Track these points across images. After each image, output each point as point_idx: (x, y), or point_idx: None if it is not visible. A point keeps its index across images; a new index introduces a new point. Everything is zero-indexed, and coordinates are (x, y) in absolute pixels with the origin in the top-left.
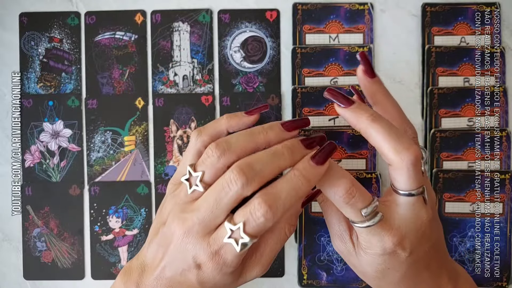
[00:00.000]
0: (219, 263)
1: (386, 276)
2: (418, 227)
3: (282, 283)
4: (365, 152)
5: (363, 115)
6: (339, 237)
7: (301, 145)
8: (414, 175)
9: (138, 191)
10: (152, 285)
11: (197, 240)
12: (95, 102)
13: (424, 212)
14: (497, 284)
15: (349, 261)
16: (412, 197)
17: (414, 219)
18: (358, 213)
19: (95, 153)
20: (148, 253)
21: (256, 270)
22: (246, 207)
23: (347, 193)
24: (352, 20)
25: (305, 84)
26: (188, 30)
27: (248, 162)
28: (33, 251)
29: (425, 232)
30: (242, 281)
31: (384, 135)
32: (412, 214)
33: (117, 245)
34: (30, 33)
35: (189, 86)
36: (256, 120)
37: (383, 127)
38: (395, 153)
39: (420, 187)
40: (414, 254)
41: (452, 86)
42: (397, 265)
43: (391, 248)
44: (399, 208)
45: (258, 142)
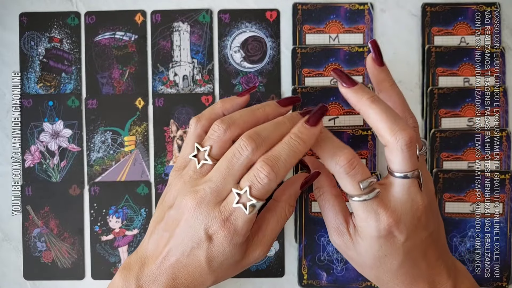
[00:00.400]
0: (230, 230)
1: (384, 264)
2: (413, 212)
3: (282, 283)
4: (365, 152)
5: (364, 96)
6: (336, 230)
7: (299, 115)
8: (409, 157)
9: (138, 191)
10: (154, 275)
11: (208, 209)
12: (95, 102)
13: (419, 197)
14: (497, 284)
15: (347, 254)
16: (407, 179)
17: (410, 203)
18: (356, 185)
19: (95, 153)
20: (149, 245)
21: (258, 251)
22: (250, 172)
23: (349, 163)
24: (352, 20)
25: (305, 84)
26: (188, 30)
27: (255, 130)
28: (33, 251)
29: (420, 218)
30: (245, 263)
31: (382, 116)
32: (408, 197)
33: (117, 245)
34: (30, 33)
35: (189, 86)
36: (247, 100)
37: (381, 109)
38: (390, 133)
39: (415, 170)
40: (411, 240)
41: (452, 86)
42: (394, 252)
43: (386, 228)
44: (394, 190)
45: (258, 116)
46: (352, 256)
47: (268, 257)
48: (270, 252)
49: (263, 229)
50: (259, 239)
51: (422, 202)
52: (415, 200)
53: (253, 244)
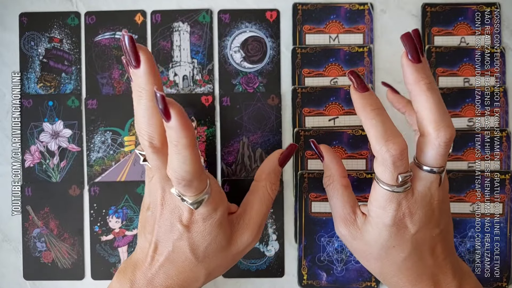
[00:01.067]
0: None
1: (390, 255)
2: (429, 206)
3: (282, 283)
4: (365, 153)
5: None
6: (343, 220)
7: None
8: (444, 154)
9: (138, 191)
10: (147, 278)
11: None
12: (95, 102)
13: (437, 193)
14: (497, 285)
15: (352, 245)
16: (433, 174)
17: (429, 197)
18: (395, 176)
19: (95, 153)
20: (138, 249)
21: (246, 235)
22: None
23: (400, 154)
24: (352, 20)
25: (305, 84)
26: (188, 30)
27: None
28: (33, 251)
29: (434, 213)
30: (235, 249)
31: (433, 106)
32: (428, 192)
33: (117, 246)
34: (30, 33)
35: (189, 86)
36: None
37: (435, 97)
38: (435, 126)
39: (443, 166)
40: (421, 233)
41: (452, 86)
42: (403, 243)
43: (400, 217)
44: (417, 183)
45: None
46: (358, 247)
47: (268, 257)
48: (270, 252)
49: (248, 211)
50: (245, 223)
51: (438, 198)
52: (434, 195)
53: (240, 228)
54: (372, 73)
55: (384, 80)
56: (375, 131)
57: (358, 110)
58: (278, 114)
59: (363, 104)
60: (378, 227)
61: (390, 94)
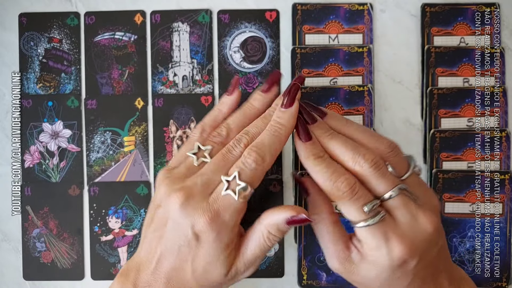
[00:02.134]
0: (217, 223)
1: (393, 286)
2: (423, 233)
3: (281, 283)
4: None
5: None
6: (337, 257)
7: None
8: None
9: (138, 191)
10: (150, 281)
11: (196, 202)
12: (94, 102)
13: (423, 217)
14: (497, 285)
15: (348, 277)
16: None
17: (416, 223)
18: (360, 209)
19: (94, 154)
20: (142, 249)
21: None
22: (238, 160)
23: (351, 189)
24: (352, 21)
25: (304, 85)
26: (187, 31)
27: (246, 129)
28: (33, 251)
29: (432, 237)
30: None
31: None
32: (411, 217)
33: (116, 246)
34: (30, 33)
35: (189, 86)
36: (239, 96)
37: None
38: (353, 163)
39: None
40: (422, 261)
41: (451, 86)
42: (405, 274)
43: (399, 257)
44: (395, 214)
45: (249, 115)
46: (356, 279)
47: (267, 257)
48: (270, 253)
49: (245, 244)
50: (240, 256)
51: (431, 221)
52: (421, 220)
53: (236, 262)
54: (371, 73)
55: (383, 80)
56: (322, 177)
57: (302, 159)
58: None
59: (306, 154)
60: (379, 267)
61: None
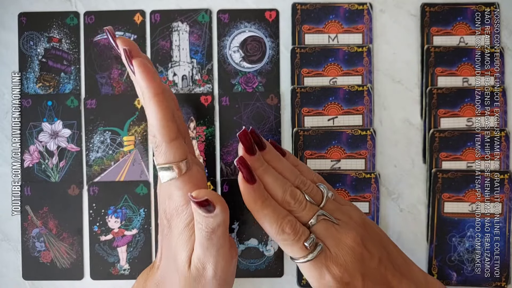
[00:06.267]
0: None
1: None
2: (353, 252)
3: (281, 283)
4: (364, 152)
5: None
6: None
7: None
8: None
9: (137, 191)
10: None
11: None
12: (94, 102)
13: (346, 235)
14: (496, 284)
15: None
16: (317, 226)
17: (342, 245)
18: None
19: (94, 153)
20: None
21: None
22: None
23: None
24: (351, 20)
25: (304, 84)
26: (187, 30)
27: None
28: (32, 251)
29: (362, 254)
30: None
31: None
32: (337, 240)
33: (116, 245)
34: (29, 33)
35: (188, 86)
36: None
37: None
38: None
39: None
40: (367, 278)
41: (451, 86)
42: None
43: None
44: (323, 241)
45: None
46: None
47: (267, 257)
48: (269, 252)
49: None
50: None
51: (352, 238)
52: (344, 240)
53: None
54: (371, 73)
55: (383, 80)
56: (269, 221)
57: (248, 203)
58: (277, 113)
59: (254, 197)
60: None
61: None
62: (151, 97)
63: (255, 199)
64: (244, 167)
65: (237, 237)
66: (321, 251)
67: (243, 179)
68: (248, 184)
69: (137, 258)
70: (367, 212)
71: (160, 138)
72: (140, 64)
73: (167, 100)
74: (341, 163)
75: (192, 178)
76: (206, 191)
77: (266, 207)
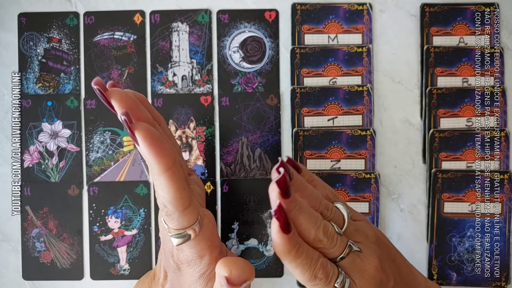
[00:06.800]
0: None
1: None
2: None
3: (281, 283)
4: (364, 152)
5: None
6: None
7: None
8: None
9: (137, 191)
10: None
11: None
12: (94, 102)
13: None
14: (496, 284)
15: None
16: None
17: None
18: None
19: (94, 153)
20: (158, 261)
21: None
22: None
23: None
24: (351, 20)
25: (304, 84)
26: (187, 31)
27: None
28: (32, 251)
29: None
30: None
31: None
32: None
33: (116, 246)
34: (29, 33)
35: (188, 86)
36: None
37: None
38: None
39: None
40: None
41: (451, 86)
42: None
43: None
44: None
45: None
46: None
47: (267, 257)
48: (269, 252)
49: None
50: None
51: (374, 266)
52: (367, 270)
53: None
54: (371, 73)
55: (383, 80)
56: (302, 268)
57: (281, 253)
58: (277, 114)
59: (288, 248)
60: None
61: None
62: (160, 172)
63: (290, 249)
64: (282, 217)
65: (237, 237)
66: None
67: (279, 229)
68: (284, 234)
69: (137, 258)
70: (367, 212)
71: (173, 209)
72: (145, 136)
73: (179, 170)
74: (341, 163)
75: (205, 233)
76: (238, 269)
77: (300, 255)
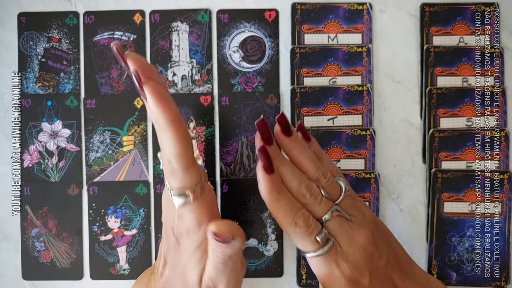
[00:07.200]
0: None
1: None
2: (363, 250)
3: (281, 283)
4: (364, 152)
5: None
6: None
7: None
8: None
9: (137, 191)
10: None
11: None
12: (93, 102)
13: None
14: (496, 284)
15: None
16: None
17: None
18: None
19: (93, 153)
20: (158, 256)
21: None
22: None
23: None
24: (351, 20)
25: (304, 84)
26: (187, 30)
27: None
28: (32, 251)
29: (373, 253)
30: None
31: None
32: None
33: (115, 245)
34: (29, 32)
35: (188, 86)
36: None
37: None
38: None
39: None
40: (374, 277)
41: (450, 86)
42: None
43: (352, 278)
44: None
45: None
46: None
47: (266, 257)
48: (269, 252)
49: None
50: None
51: (365, 236)
52: (357, 238)
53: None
54: (370, 73)
55: (382, 80)
56: (282, 212)
57: (264, 193)
58: (277, 113)
59: (270, 188)
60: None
61: None
62: (166, 125)
63: (271, 190)
64: (264, 156)
65: None
66: (332, 246)
67: (262, 168)
68: (266, 174)
69: (137, 258)
70: None
71: (177, 165)
72: (152, 91)
73: (184, 126)
74: (341, 163)
75: (206, 200)
76: (226, 225)
77: (281, 198)
